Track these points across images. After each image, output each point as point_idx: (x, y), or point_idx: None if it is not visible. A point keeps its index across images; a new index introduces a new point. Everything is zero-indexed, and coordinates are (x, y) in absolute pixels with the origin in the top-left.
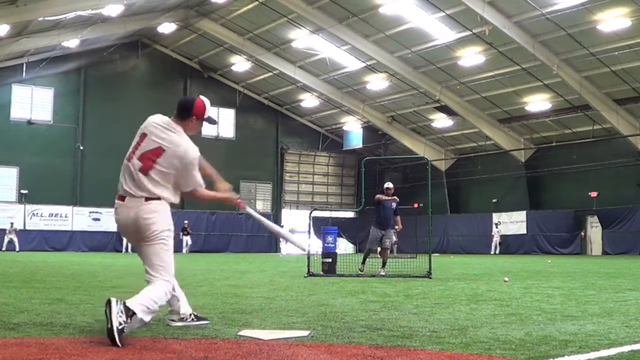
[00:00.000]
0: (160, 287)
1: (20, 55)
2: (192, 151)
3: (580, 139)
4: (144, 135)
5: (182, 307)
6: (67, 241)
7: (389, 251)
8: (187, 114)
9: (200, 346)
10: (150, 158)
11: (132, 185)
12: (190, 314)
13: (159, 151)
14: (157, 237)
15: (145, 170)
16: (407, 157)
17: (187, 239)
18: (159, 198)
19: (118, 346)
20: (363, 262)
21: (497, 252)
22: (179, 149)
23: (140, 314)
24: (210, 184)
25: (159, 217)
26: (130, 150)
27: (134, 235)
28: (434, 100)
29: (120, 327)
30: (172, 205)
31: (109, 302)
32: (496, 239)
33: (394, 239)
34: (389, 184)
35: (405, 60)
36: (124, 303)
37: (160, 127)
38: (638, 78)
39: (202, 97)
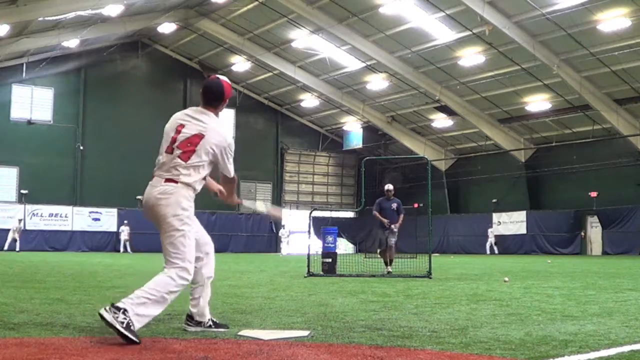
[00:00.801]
0: (164, 275)
1: (20, 55)
2: (229, 136)
3: (580, 139)
4: (181, 126)
5: (201, 312)
6: (67, 241)
7: (394, 249)
8: (220, 101)
9: (200, 346)
10: (192, 144)
11: (163, 169)
12: (209, 319)
13: (199, 137)
14: (168, 219)
15: (185, 157)
16: (407, 157)
17: None
18: (177, 181)
19: (136, 342)
20: (386, 264)
21: (496, 252)
22: (217, 135)
23: (133, 311)
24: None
25: (173, 200)
26: (167, 144)
27: (153, 217)
28: (434, 100)
29: (124, 325)
30: (194, 191)
31: (101, 316)
32: (491, 240)
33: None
34: (388, 186)
35: (405, 60)
36: (113, 304)
37: (196, 114)
38: (638, 78)
39: (222, 77)
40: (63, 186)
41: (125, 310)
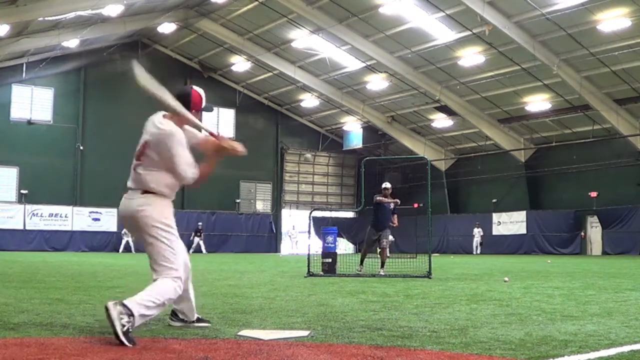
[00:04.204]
0: (165, 284)
1: (20, 55)
2: (173, 131)
3: (580, 139)
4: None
5: (189, 311)
6: (67, 241)
7: (387, 251)
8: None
9: (200, 346)
10: (142, 153)
11: (132, 180)
12: (193, 321)
13: (146, 145)
14: (150, 229)
15: (137, 165)
16: (407, 157)
17: (197, 240)
18: (153, 192)
19: (128, 346)
20: (361, 263)
21: (479, 252)
22: (160, 135)
23: (138, 312)
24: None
25: (152, 210)
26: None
27: (133, 228)
28: (434, 100)
29: (124, 329)
30: (168, 198)
31: (106, 309)
32: (477, 239)
33: (391, 238)
34: (386, 184)
35: (405, 60)
36: (122, 303)
37: (150, 123)
38: (638, 78)
39: (195, 87)
40: (63, 186)
41: (131, 313)
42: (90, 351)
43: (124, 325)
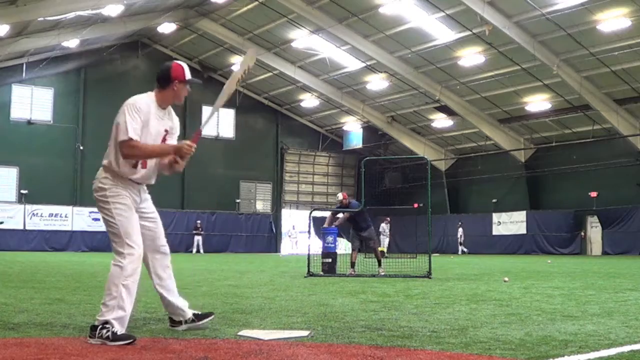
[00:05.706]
0: (112, 267)
1: (20, 55)
2: (133, 98)
3: (580, 139)
4: None
5: (175, 311)
6: (67, 241)
7: (377, 250)
8: (168, 81)
9: (200, 346)
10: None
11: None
12: (193, 320)
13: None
14: (99, 203)
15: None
16: (407, 157)
17: (198, 239)
18: (105, 166)
19: (132, 343)
20: (352, 267)
21: (459, 252)
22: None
23: (104, 317)
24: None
25: (101, 183)
26: None
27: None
28: (434, 100)
29: (111, 338)
30: (122, 175)
31: (90, 344)
32: (460, 240)
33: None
34: (338, 196)
35: (405, 60)
36: (90, 328)
37: None
38: (638, 78)
39: (176, 61)
40: (63, 186)
41: (102, 324)
42: (90, 351)
43: (108, 337)
